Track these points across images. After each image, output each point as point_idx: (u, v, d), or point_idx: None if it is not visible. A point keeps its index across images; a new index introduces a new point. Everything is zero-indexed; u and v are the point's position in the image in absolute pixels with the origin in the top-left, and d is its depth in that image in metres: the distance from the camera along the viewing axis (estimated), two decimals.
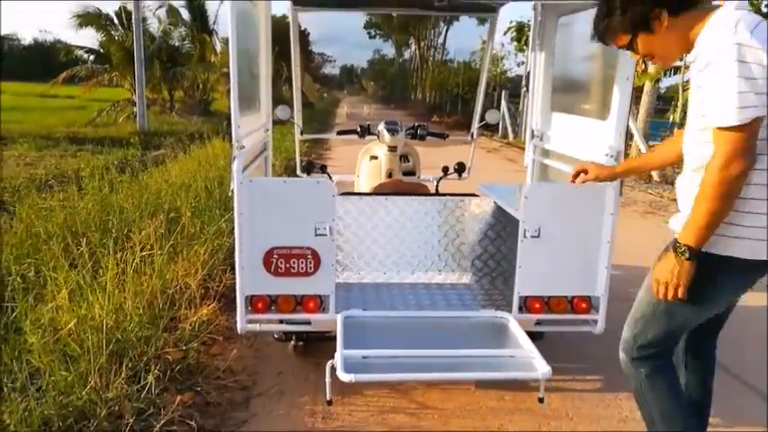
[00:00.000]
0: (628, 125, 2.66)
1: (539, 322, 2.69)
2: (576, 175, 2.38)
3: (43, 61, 50.96)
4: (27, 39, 64.49)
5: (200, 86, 21.52)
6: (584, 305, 2.66)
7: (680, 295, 1.72)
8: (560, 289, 2.63)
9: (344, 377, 2.01)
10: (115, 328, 2.72)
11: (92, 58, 19.74)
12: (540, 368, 2.15)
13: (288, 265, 2.47)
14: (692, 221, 1.66)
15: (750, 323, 3.92)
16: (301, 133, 4.34)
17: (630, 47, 1.82)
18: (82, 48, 20.68)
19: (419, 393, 2.75)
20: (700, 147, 1.73)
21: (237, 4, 2.33)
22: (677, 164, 2.07)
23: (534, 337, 2.48)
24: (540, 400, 2.30)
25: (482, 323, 2.63)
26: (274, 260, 2.47)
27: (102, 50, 19.62)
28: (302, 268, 2.49)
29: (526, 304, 2.62)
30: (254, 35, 3.13)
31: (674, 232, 1.81)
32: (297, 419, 2.53)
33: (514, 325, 2.52)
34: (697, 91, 1.70)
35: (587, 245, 2.59)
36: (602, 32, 1.85)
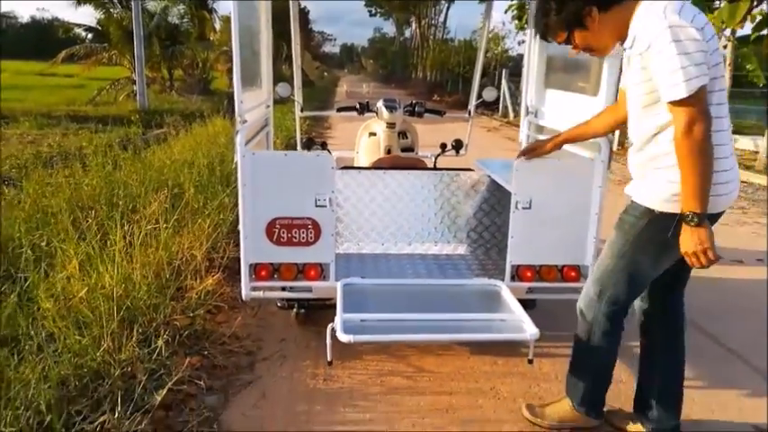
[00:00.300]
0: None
1: (530, 290, 2.81)
2: (523, 153, 2.60)
3: (41, 39, 50.65)
4: (25, 17, 63.87)
5: (200, 65, 21.48)
6: (573, 273, 2.77)
7: (711, 257, 1.83)
8: (551, 258, 2.75)
9: (344, 338, 2.13)
10: (125, 297, 2.84)
11: (89, 36, 19.68)
12: (529, 330, 2.27)
13: (290, 235, 2.59)
14: (687, 191, 1.80)
15: (739, 296, 4.06)
16: (302, 110, 4.43)
17: (569, 42, 2.02)
18: (81, 26, 20.62)
19: (415, 358, 2.89)
20: (643, 122, 1.93)
21: None
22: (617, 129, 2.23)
23: (526, 305, 2.60)
24: (530, 362, 2.44)
25: (476, 290, 2.75)
26: (277, 230, 2.58)
27: (100, 28, 19.55)
28: (303, 238, 2.60)
29: (518, 273, 2.73)
30: (255, 13, 3.20)
31: (628, 197, 2.02)
32: (299, 381, 2.66)
33: (506, 292, 2.64)
34: (639, 73, 1.87)
35: (576, 216, 2.70)
36: (543, 31, 2.06)
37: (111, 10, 18.35)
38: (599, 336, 2.20)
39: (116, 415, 2.06)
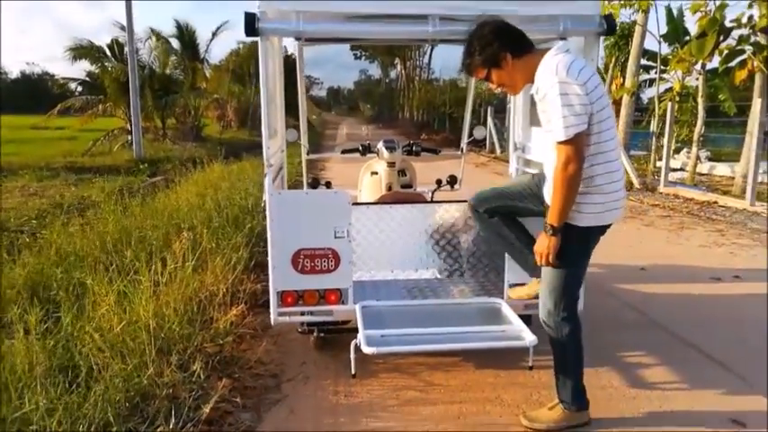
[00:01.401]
0: None
1: (526, 306, 3.11)
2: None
3: (31, 93, 51.36)
4: (14, 72, 64.80)
5: (192, 113, 22.03)
6: None
7: (551, 261, 2.44)
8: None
9: (368, 350, 2.43)
10: (158, 328, 3.12)
11: (80, 89, 20.16)
12: (528, 338, 2.59)
13: (312, 264, 2.90)
14: (553, 209, 2.38)
15: (718, 309, 4.39)
16: (308, 153, 4.78)
17: (488, 78, 2.49)
18: (75, 80, 21.18)
19: (426, 374, 3.17)
20: (551, 153, 2.40)
21: (266, 42, 2.76)
22: None
23: (524, 320, 2.90)
24: (530, 368, 2.73)
25: (478, 307, 3.08)
26: (301, 260, 2.89)
27: (91, 81, 20.08)
28: (324, 266, 2.91)
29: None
30: (271, 68, 3.57)
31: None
32: (323, 398, 2.93)
33: (506, 307, 2.96)
34: (542, 114, 2.40)
35: None
36: (467, 68, 2.54)
37: (106, 63, 18.88)
38: (566, 336, 2.58)
39: (170, 427, 2.32)
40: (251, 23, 2.57)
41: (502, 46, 2.38)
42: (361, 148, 4.41)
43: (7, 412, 2.27)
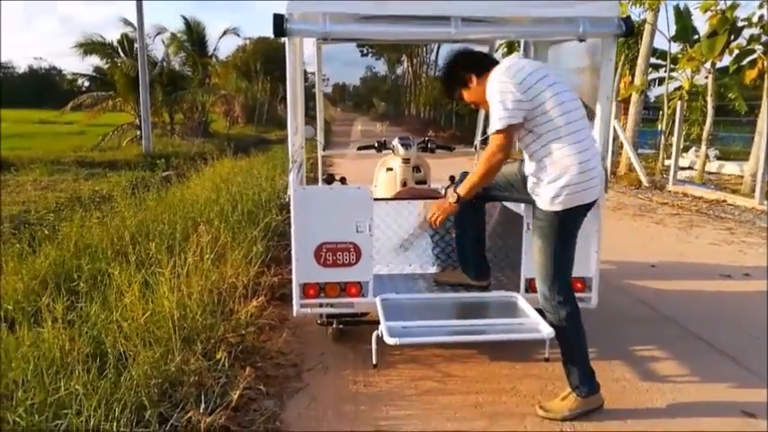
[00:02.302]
0: (616, 136, 3.16)
1: None
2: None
3: (38, 88, 51.61)
4: (22, 66, 65.06)
5: (200, 108, 22.15)
6: (579, 285, 3.15)
7: (437, 222, 2.86)
8: None
9: (390, 340, 2.50)
10: (182, 318, 3.20)
11: (86, 84, 20.28)
12: (545, 330, 2.65)
13: (334, 258, 2.97)
14: (468, 182, 2.75)
15: (728, 306, 4.44)
16: (324, 149, 4.86)
17: (461, 98, 2.86)
18: (84, 75, 21.32)
19: (443, 365, 3.24)
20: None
21: (293, 42, 2.83)
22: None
23: (539, 313, 2.96)
24: (546, 359, 2.81)
25: (495, 301, 3.14)
26: (323, 253, 2.96)
27: (99, 77, 20.21)
28: (346, 260, 2.98)
29: (531, 285, 3.11)
30: (296, 68, 3.64)
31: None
32: (343, 387, 3.01)
33: (522, 301, 3.03)
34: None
35: (581, 234, 3.09)
36: (444, 92, 2.96)
37: (116, 59, 18.99)
38: (564, 320, 2.70)
39: (201, 411, 2.41)
40: (279, 24, 2.64)
41: (465, 69, 2.76)
42: (377, 144, 4.48)
43: (44, 397, 2.35)
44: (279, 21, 2.64)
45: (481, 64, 2.75)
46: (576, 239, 2.76)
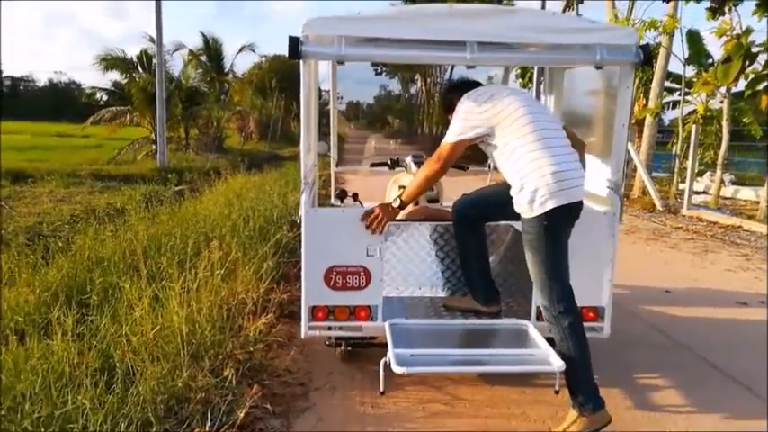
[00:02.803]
0: (629, 159, 3.16)
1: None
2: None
3: (57, 102, 52.52)
4: (42, 80, 66.30)
5: (215, 124, 22.37)
6: (591, 314, 3.11)
7: (377, 227, 2.89)
8: None
9: (398, 370, 2.46)
10: (191, 334, 3.19)
11: (105, 98, 20.56)
12: (556, 363, 2.60)
13: (344, 281, 2.95)
14: (408, 188, 2.93)
15: (743, 334, 4.36)
16: (337, 165, 4.87)
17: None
18: (102, 89, 21.68)
19: (451, 388, 3.20)
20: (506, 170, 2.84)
21: (308, 65, 2.85)
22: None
23: (550, 342, 2.90)
24: (557, 392, 2.73)
25: (506, 329, 3.10)
26: (333, 276, 2.94)
27: (117, 91, 20.54)
28: (356, 283, 2.96)
29: (542, 313, 3.07)
30: (310, 89, 3.67)
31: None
32: (350, 408, 2.98)
33: (533, 330, 2.98)
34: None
35: (594, 263, 3.05)
36: (444, 110, 3.11)
37: (134, 74, 19.29)
38: (567, 331, 2.70)
39: (206, 429, 2.39)
40: (295, 47, 2.63)
41: (455, 95, 2.99)
42: (389, 162, 4.48)
43: (51, 410, 2.34)
44: (294, 43, 2.64)
45: (465, 89, 2.98)
46: (566, 248, 2.77)
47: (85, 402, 2.38)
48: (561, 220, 2.71)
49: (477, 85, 3.03)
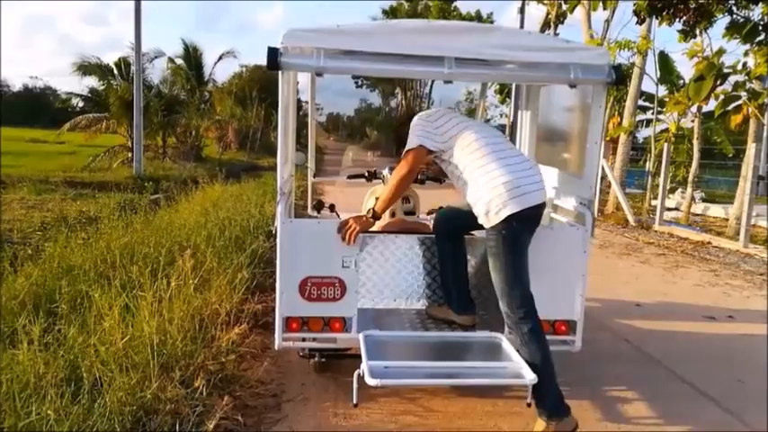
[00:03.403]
0: (604, 175, 3.22)
1: None
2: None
3: (32, 107, 51.58)
4: (17, 85, 64.88)
5: (193, 133, 22.17)
6: (563, 327, 3.14)
7: (350, 237, 2.90)
8: (544, 313, 3.06)
9: (372, 382, 2.45)
10: (161, 344, 3.15)
11: (80, 104, 20.25)
12: (528, 376, 2.62)
13: (319, 292, 2.94)
14: (381, 197, 3.00)
15: (712, 347, 4.44)
16: (314, 176, 4.86)
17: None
18: (78, 95, 21.38)
19: (425, 400, 3.20)
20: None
21: (286, 76, 2.85)
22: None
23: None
24: (528, 405, 2.75)
25: (479, 341, 3.11)
26: (308, 287, 2.93)
27: (93, 98, 20.27)
28: (330, 294, 2.95)
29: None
30: (288, 100, 3.67)
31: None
32: (323, 419, 2.96)
33: (506, 343, 2.99)
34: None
35: (566, 277, 3.09)
36: (399, 145, 3.22)
37: (112, 81, 19.07)
38: (528, 336, 2.78)
39: None
40: (274, 58, 2.64)
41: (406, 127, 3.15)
42: (367, 173, 4.50)
43: (14, 421, 2.29)
44: (273, 54, 2.65)
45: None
46: (525, 255, 2.85)
47: (50, 413, 2.32)
48: (519, 227, 2.80)
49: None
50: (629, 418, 3.16)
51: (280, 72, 2.74)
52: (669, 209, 12.78)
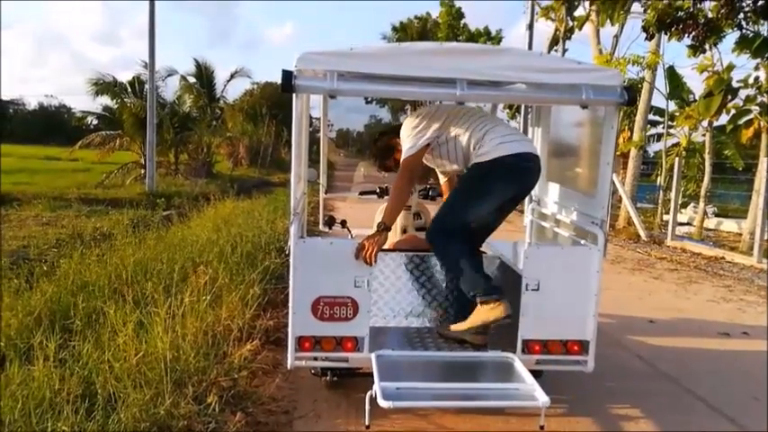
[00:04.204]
0: (615, 190, 3.25)
1: (538, 362, 3.13)
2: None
3: (47, 125, 52.29)
4: (33, 103, 65.74)
5: (205, 150, 22.38)
6: (576, 348, 3.11)
7: (370, 255, 2.91)
8: (556, 334, 3.08)
9: (384, 404, 2.46)
10: (175, 360, 3.17)
11: (95, 122, 20.54)
12: (541, 398, 2.60)
13: (331, 312, 2.94)
14: (387, 208, 3.13)
15: (726, 364, 4.39)
16: (326, 192, 4.90)
17: (396, 161, 3.41)
18: (92, 113, 21.69)
19: (437, 417, 3.19)
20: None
21: (300, 98, 2.89)
22: None
23: (535, 375, 2.91)
24: (542, 428, 2.69)
25: (491, 361, 3.09)
26: (321, 307, 2.93)
27: (108, 115, 20.58)
28: (343, 314, 2.96)
29: (528, 347, 3.07)
30: (301, 121, 3.71)
31: None
32: None
33: (518, 363, 2.98)
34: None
35: (579, 297, 3.06)
36: (383, 162, 3.69)
37: (126, 99, 19.35)
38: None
39: None
40: (288, 81, 2.67)
41: (387, 136, 3.57)
42: (378, 190, 4.53)
43: None
44: (287, 77, 2.68)
45: (397, 128, 3.41)
46: (481, 201, 3.15)
47: (65, 429, 2.35)
48: (492, 172, 3.06)
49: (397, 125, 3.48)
50: None
51: (294, 95, 2.78)
52: (681, 224, 12.70)
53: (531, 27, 18.42)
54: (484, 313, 3.05)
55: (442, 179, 3.82)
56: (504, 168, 3.04)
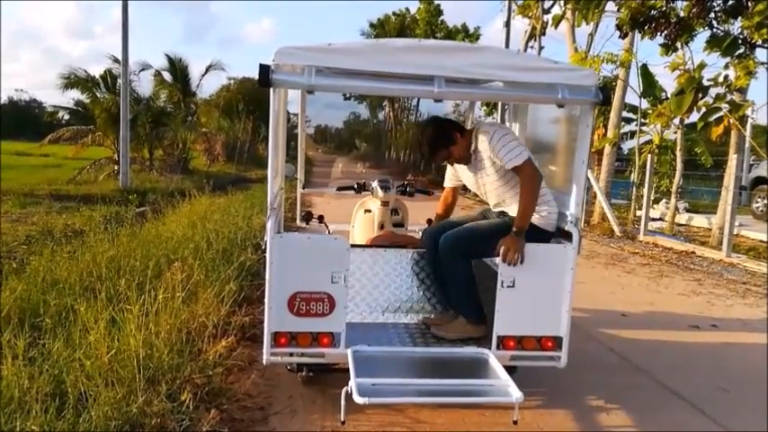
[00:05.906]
0: (590, 186, 3.31)
1: (513, 358, 3.17)
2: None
3: (18, 120, 51.09)
4: (2, 98, 64.10)
5: (180, 145, 22.07)
6: (550, 344, 3.15)
7: (517, 261, 3.02)
8: (531, 330, 3.13)
9: (360, 400, 2.46)
10: (148, 358, 3.13)
11: (66, 117, 20.08)
12: (515, 394, 2.64)
13: (308, 307, 2.93)
14: (523, 216, 3.07)
15: (695, 356, 4.49)
16: (303, 187, 4.88)
17: (448, 156, 3.37)
18: (64, 108, 21.25)
19: (412, 411, 3.20)
20: (498, 190, 3.31)
21: (277, 93, 2.87)
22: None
23: (509, 371, 2.94)
24: (515, 422, 2.73)
25: (467, 357, 3.12)
26: (297, 302, 2.92)
27: (80, 110, 20.17)
28: (319, 310, 2.95)
29: (502, 343, 3.10)
30: (278, 116, 3.69)
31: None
32: None
33: (493, 359, 3.01)
34: (491, 165, 3.25)
35: (553, 293, 3.11)
36: (432, 152, 3.38)
37: (98, 94, 18.98)
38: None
39: None
40: (265, 75, 2.65)
41: (453, 129, 3.33)
42: (356, 186, 4.52)
43: None
44: (264, 71, 2.65)
45: (459, 125, 3.39)
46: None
47: (35, 429, 2.31)
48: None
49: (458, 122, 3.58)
50: (613, 427, 3.19)
51: (271, 90, 2.76)
52: (654, 219, 12.92)
53: (507, 24, 18.57)
54: (468, 330, 3.30)
55: (449, 183, 3.79)
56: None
